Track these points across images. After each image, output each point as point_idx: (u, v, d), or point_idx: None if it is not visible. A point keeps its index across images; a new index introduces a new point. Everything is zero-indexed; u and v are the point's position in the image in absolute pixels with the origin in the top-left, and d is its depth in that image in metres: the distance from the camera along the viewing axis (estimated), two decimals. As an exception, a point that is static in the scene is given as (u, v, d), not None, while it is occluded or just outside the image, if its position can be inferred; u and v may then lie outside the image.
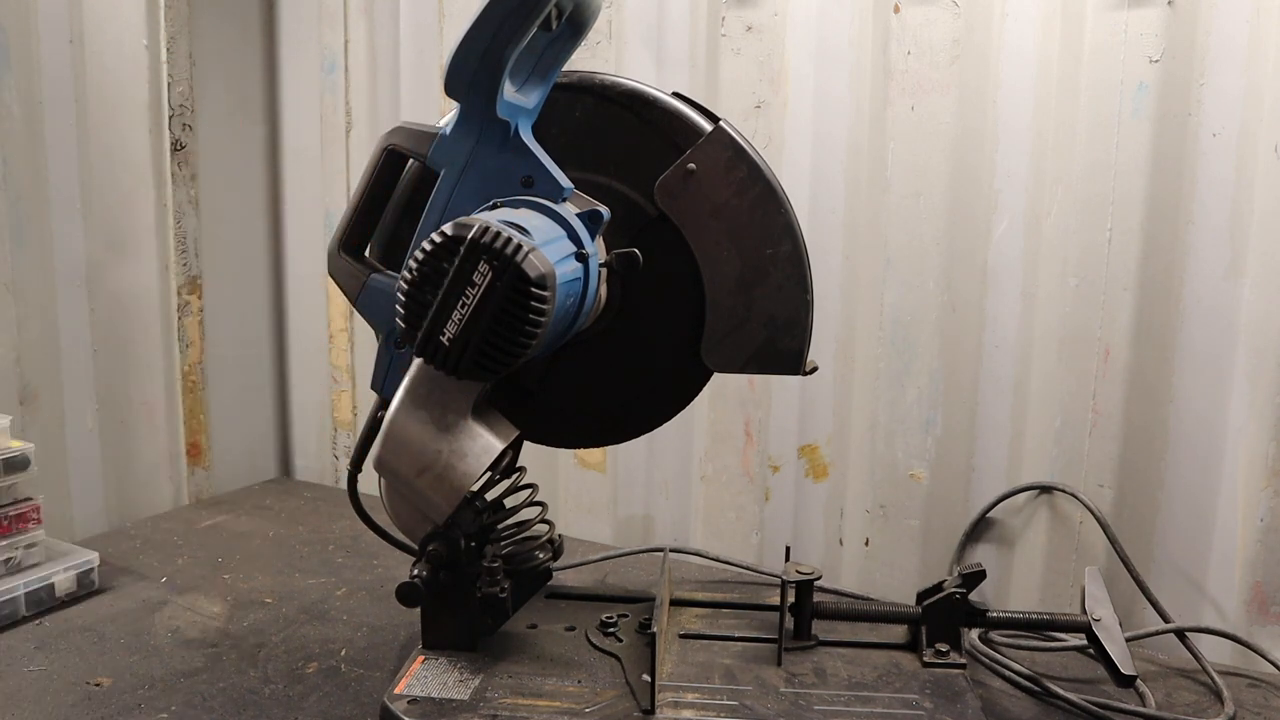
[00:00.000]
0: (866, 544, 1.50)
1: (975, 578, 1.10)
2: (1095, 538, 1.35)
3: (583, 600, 1.24)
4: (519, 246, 0.82)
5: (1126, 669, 0.98)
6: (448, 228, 0.84)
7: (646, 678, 0.99)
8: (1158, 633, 1.26)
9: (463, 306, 0.84)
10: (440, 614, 1.10)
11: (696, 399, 1.11)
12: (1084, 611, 1.06)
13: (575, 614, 1.18)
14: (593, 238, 0.96)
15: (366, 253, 1.09)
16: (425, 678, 1.05)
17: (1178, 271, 1.26)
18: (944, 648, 1.10)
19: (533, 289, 0.82)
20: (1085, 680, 1.18)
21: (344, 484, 1.27)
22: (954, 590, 1.10)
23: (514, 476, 1.13)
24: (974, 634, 1.24)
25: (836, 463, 1.52)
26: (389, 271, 1.05)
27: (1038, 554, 1.41)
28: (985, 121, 1.34)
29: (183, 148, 1.73)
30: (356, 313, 1.23)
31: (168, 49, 1.69)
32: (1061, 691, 1.12)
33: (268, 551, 1.58)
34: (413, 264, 0.85)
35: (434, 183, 0.99)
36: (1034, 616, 1.13)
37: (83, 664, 1.20)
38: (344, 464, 1.93)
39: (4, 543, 1.32)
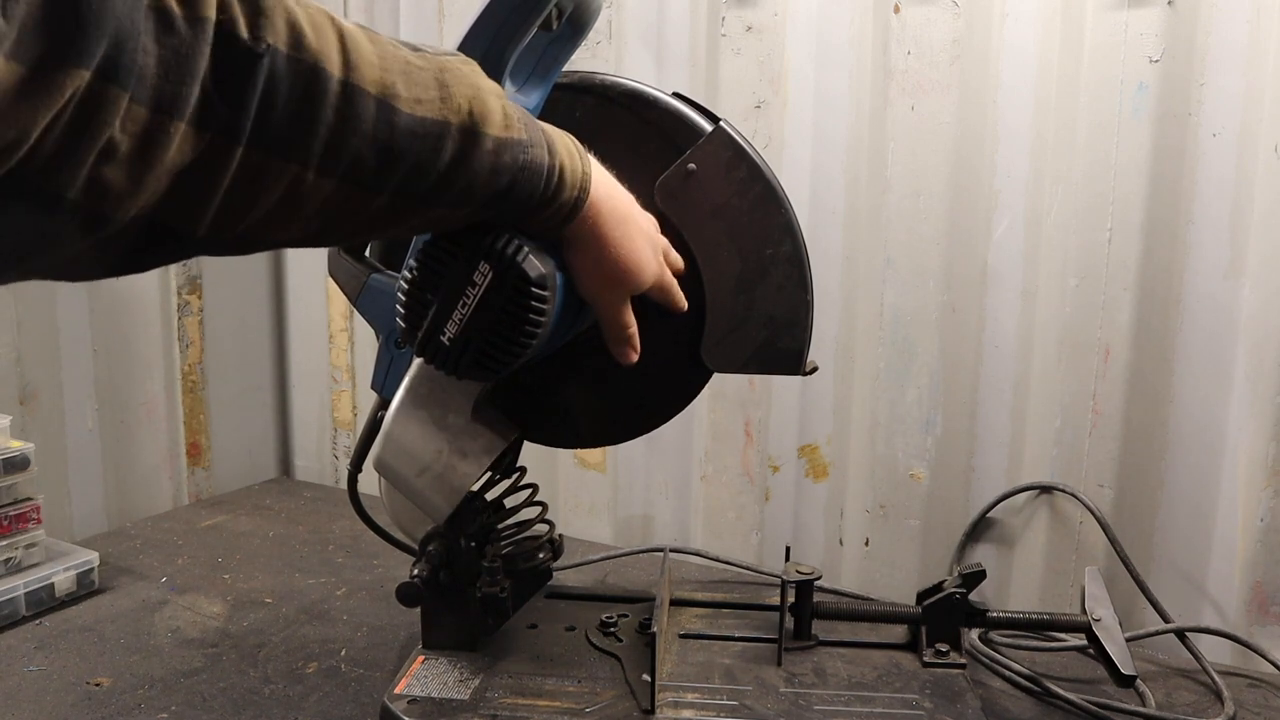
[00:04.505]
0: (866, 544, 1.51)
1: (975, 578, 1.10)
2: (1095, 538, 1.35)
3: (583, 600, 1.24)
4: (520, 247, 0.82)
5: (1126, 669, 0.98)
6: (448, 228, 0.84)
7: (646, 678, 0.99)
8: (1158, 633, 1.26)
9: (463, 306, 0.83)
10: (440, 614, 1.10)
11: (696, 399, 1.11)
12: (1084, 611, 1.06)
13: (575, 614, 1.18)
14: (593, 238, 0.96)
15: (367, 252, 1.09)
16: (425, 678, 1.05)
17: (1178, 271, 1.26)
18: (944, 648, 1.10)
19: (533, 289, 0.82)
20: (1085, 680, 1.18)
21: (344, 484, 1.27)
22: (954, 590, 1.10)
23: (514, 476, 1.13)
24: (974, 634, 1.24)
25: (836, 463, 1.52)
26: (389, 271, 1.05)
27: (1038, 554, 1.41)
28: (985, 121, 1.34)
29: (183, 148, 1.73)
30: (356, 313, 1.23)
31: (168, 49, 1.69)
32: (1061, 691, 1.12)
33: (268, 551, 1.58)
34: (413, 264, 0.85)
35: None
36: (1034, 616, 1.13)
37: (83, 664, 1.20)
38: (344, 464, 1.93)
39: (4, 543, 1.32)
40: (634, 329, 0.92)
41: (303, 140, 0.59)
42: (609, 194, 0.85)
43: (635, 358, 0.94)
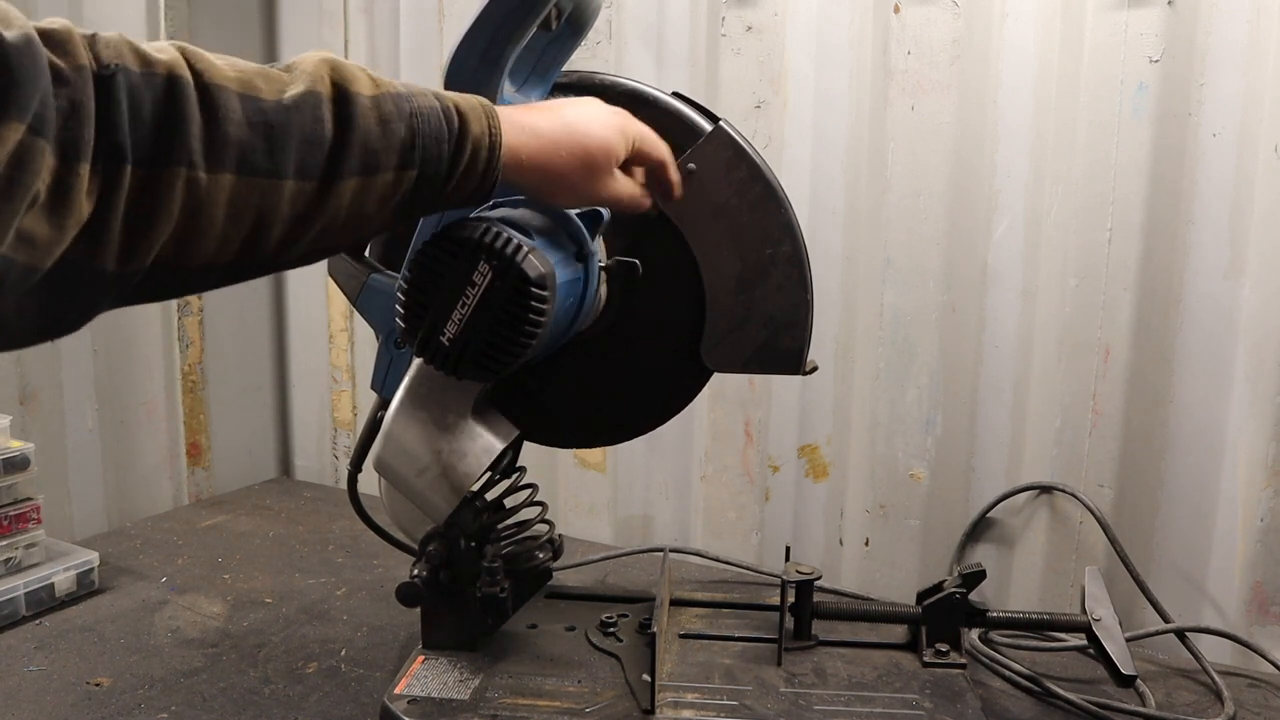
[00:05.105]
0: (866, 544, 1.51)
1: (975, 578, 1.10)
2: (1095, 538, 1.35)
3: (583, 600, 1.24)
4: (519, 246, 0.82)
5: (1126, 669, 0.98)
6: (448, 228, 0.84)
7: (646, 678, 0.99)
8: (1158, 633, 1.26)
9: (463, 306, 0.84)
10: (440, 614, 1.10)
11: (696, 399, 1.11)
12: (1084, 611, 1.06)
13: (575, 614, 1.19)
14: (593, 238, 0.96)
15: (366, 253, 1.09)
16: (425, 678, 1.05)
17: (1178, 271, 1.26)
18: (944, 648, 1.10)
19: (532, 289, 0.82)
20: (1085, 680, 1.18)
21: (344, 484, 1.27)
22: (954, 590, 1.10)
23: (514, 476, 1.13)
24: (974, 634, 1.24)
25: (836, 463, 1.52)
26: (389, 271, 1.05)
27: (1038, 554, 1.41)
28: (985, 121, 1.34)
29: (183, 148, 1.73)
30: (356, 313, 1.23)
31: (168, 49, 1.69)
32: (1061, 691, 1.12)
33: (268, 551, 1.58)
34: (413, 264, 0.85)
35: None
36: (1034, 616, 1.13)
37: (83, 664, 1.20)
38: (344, 464, 1.93)
39: (4, 543, 1.32)
40: (632, 188, 0.90)
41: (179, 141, 0.59)
42: (522, 114, 0.81)
43: (649, 203, 0.93)
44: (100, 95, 0.56)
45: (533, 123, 0.81)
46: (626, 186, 0.89)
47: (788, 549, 1.18)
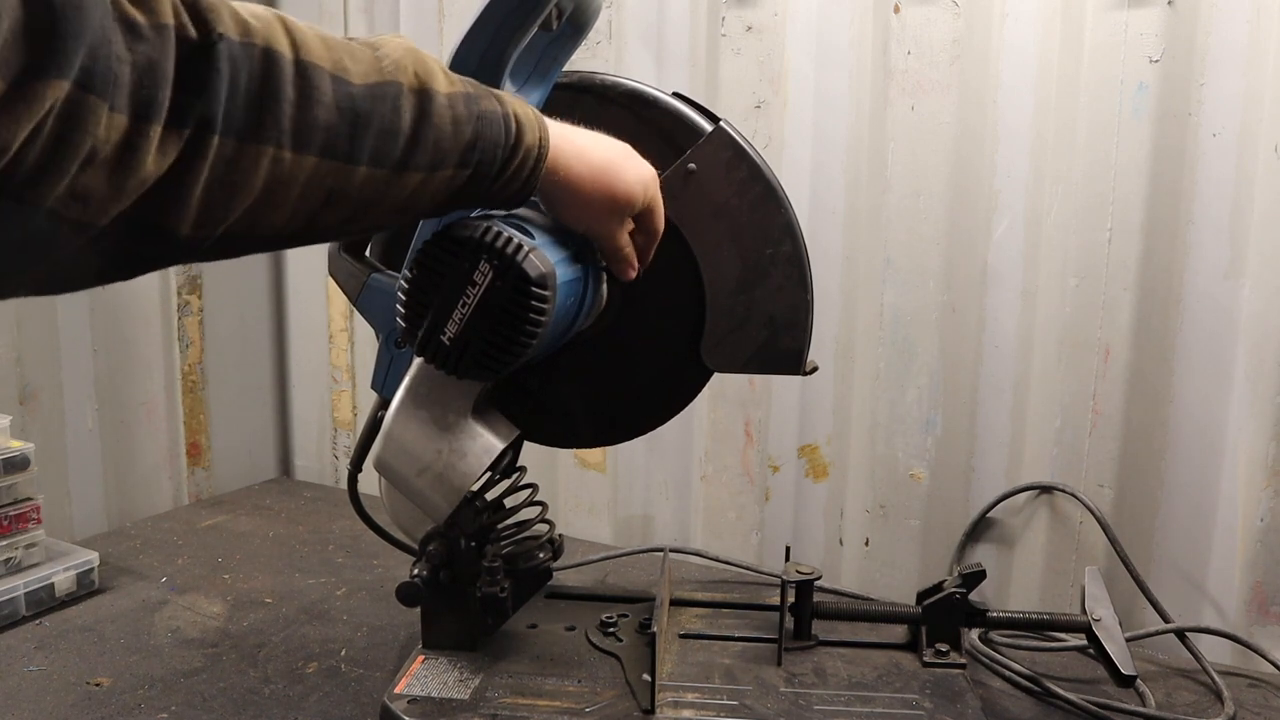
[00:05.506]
0: (866, 544, 1.51)
1: (975, 578, 1.10)
2: (1095, 538, 1.35)
3: (583, 600, 1.24)
4: (520, 246, 0.82)
5: (1126, 669, 0.98)
6: (449, 227, 0.84)
7: (646, 678, 0.99)
8: (1158, 633, 1.26)
9: (463, 306, 0.84)
10: (440, 614, 1.10)
11: (696, 399, 1.11)
12: (1084, 611, 1.06)
13: (575, 614, 1.18)
14: (593, 238, 0.96)
15: (367, 252, 1.09)
16: (425, 678, 1.05)
17: (1178, 271, 1.27)
18: (944, 648, 1.10)
19: (533, 289, 0.82)
20: (1085, 680, 1.18)
21: (344, 484, 1.27)
22: (954, 590, 1.10)
23: (514, 476, 1.13)
24: (974, 634, 1.24)
25: (836, 463, 1.52)
26: (389, 271, 1.05)
27: (1038, 554, 1.41)
28: (985, 121, 1.34)
29: (183, 148, 1.72)
30: (356, 313, 1.23)
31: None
32: (1061, 691, 1.12)
33: (268, 551, 1.58)
34: (414, 263, 0.85)
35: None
36: (1034, 616, 1.13)
37: (83, 664, 1.20)
38: (344, 464, 1.93)
39: (4, 543, 1.32)
40: (630, 248, 0.94)
41: (271, 119, 0.59)
42: (572, 132, 0.86)
43: (634, 273, 0.96)
44: (200, 62, 0.55)
45: (579, 146, 0.84)
46: (626, 242, 0.93)
47: (788, 549, 1.18)
